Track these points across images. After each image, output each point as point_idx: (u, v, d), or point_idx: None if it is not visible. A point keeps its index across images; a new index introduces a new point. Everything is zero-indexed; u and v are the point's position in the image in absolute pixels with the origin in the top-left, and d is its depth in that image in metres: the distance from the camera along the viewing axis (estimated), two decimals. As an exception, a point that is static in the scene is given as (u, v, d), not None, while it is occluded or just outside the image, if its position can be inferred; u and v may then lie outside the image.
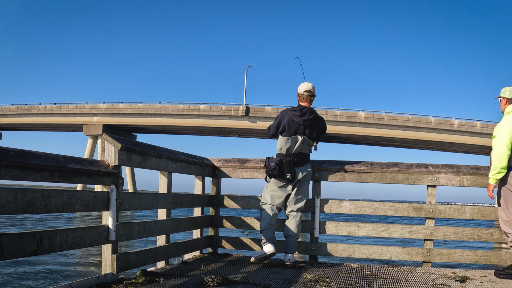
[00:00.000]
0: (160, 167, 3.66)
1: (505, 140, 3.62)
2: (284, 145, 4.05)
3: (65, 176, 2.67)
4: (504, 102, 3.81)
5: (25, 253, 2.31)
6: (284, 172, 4.02)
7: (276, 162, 4.03)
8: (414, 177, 4.23)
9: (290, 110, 4.09)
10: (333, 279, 3.32)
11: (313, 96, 4.13)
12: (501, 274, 3.61)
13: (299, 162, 4.07)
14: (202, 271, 3.48)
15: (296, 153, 4.05)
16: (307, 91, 4.10)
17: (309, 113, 4.05)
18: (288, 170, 4.01)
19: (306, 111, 4.05)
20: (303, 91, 4.10)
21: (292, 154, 4.05)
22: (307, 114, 4.04)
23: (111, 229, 2.99)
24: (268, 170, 4.08)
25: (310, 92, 4.11)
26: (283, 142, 4.06)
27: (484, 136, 38.06)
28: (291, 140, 4.03)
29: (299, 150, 4.06)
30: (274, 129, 4.13)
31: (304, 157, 4.10)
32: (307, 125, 4.04)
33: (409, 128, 40.56)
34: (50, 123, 48.79)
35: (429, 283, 3.29)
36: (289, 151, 4.06)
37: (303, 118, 4.02)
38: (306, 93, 4.10)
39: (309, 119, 4.04)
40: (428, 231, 4.15)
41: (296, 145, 4.04)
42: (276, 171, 4.02)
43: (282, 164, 4.02)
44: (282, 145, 4.06)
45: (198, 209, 4.57)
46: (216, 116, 43.58)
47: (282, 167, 4.02)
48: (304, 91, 4.10)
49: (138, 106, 44.73)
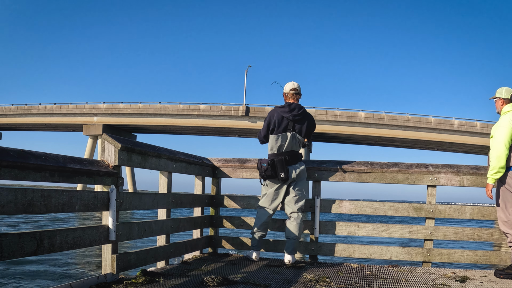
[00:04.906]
0: (160, 167, 3.66)
1: (503, 140, 3.62)
2: (275, 144, 4.06)
3: (65, 176, 2.67)
4: (500, 103, 3.81)
5: (25, 253, 2.31)
6: (277, 172, 4.00)
7: (267, 162, 4.02)
8: (414, 177, 4.23)
9: (278, 108, 4.13)
10: (333, 279, 3.32)
11: (299, 94, 4.19)
12: (501, 274, 3.61)
13: (292, 160, 4.07)
14: (202, 271, 3.48)
15: (287, 152, 4.06)
16: (293, 89, 4.17)
17: (298, 108, 4.10)
18: (281, 169, 4.00)
19: (295, 106, 4.10)
20: (289, 90, 4.18)
21: (284, 153, 4.05)
22: (296, 109, 4.09)
23: (111, 229, 2.99)
24: (261, 171, 4.07)
25: (296, 90, 4.18)
26: (273, 140, 4.07)
27: (484, 136, 38.03)
28: (281, 138, 4.04)
29: (290, 148, 4.07)
30: (264, 130, 4.13)
31: (296, 155, 4.11)
32: (296, 120, 4.07)
33: (409, 128, 40.55)
34: (50, 123, 48.78)
35: (429, 283, 3.29)
36: (280, 150, 4.06)
37: (292, 113, 4.06)
38: (292, 91, 4.17)
39: (298, 113, 4.08)
40: (428, 231, 4.15)
41: (287, 142, 4.05)
42: (269, 172, 4.01)
43: (274, 163, 4.00)
44: (273, 144, 4.07)
45: (198, 209, 4.57)
46: (216, 116, 43.57)
47: (274, 166, 4.01)
48: (290, 89, 4.18)
49: (138, 106, 44.73)
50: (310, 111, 46.52)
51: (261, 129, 4.16)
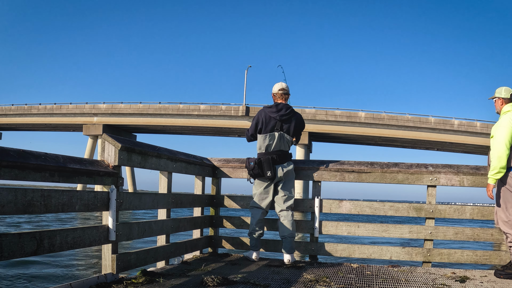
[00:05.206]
0: (160, 167, 3.66)
1: (504, 140, 3.62)
2: (263, 143, 4.12)
3: (65, 176, 2.67)
4: (500, 102, 3.81)
5: (25, 253, 2.31)
6: (264, 170, 4.07)
7: (255, 161, 4.10)
8: (414, 177, 4.23)
9: (266, 108, 4.20)
10: (333, 279, 3.32)
11: (287, 94, 4.25)
12: (501, 274, 3.62)
13: (280, 160, 4.12)
14: (202, 271, 3.48)
15: (275, 151, 4.11)
16: (281, 89, 4.23)
17: (285, 108, 4.15)
18: (267, 167, 4.06)
19: (282, 106, 4.16)
20: (277, 90, 4.24)
21: (272, 152, 4.11)
22: (283, 109, 4.14)
23: (111, 229, 2.99)
24: (249, 170, 4.15)
25: (284, 90, 4.24)
26: (261, 140, 4.13)
27: (484, 136, 38.04)
28: (269, 137, 4.10)
29: (279, 147, 4.12)
30: (252, 129, 4.21)
31: (285, 155, 4.15)
32: (283, 120, 4.12)
33: (409, 128, 40.56)
34: (50, 123, 48.79)
35: (429, 283, 3.29)
36: (268, 149, 4.12)
37: (280, 113, 4.11)
38: (280, 92, 4.23)
39: (286, 113, 4.13)
40: (428, 231, 4.15)
41: (275, 142, 4.10)
42: (256, 170, 4.09)
43: (261, 162, 4.08)
44: (261, 144, 4.14)
45: (198, 209, 4.57)
46: (216, 116, 43.58)
47: (261, 165, 4.08)
48: (278, 90, 4.23)
49: (138, 106, 44.74)
50: (310, 111, 46.14)
51: (249, 128, 4.24)
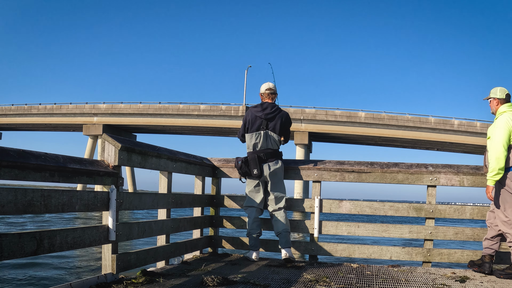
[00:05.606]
0: (160, 167, 3.66)
1: (501, 141, 3.61)
2: (250, 142, 4.20)
3: (65, 176, 2.67)
4: (495, 103, 3.79)
5: (25, 253, 2.31)
6: (251, 168, 4.13)
7: (242, 159, 4.18)
8: (414, 177, 4.23)
9: (252, 108, 4.27)
10: (333, 279, 3.32)
11: (274, 94, 4.31)
12: (501, 274, 3.61)
13: (268, 158, 4.18)
14: (202, 271, 3.48)
15: (262, 150, 4.17)
16: (268, 89, 4.30)
17: (270, 107, 4.22)
18: (253, 166, 4.13)
19: (267, 105, 4.22)
20: (264, 90, 4.31)
21: (259, 151, 4.17)
22: (268, 108, 4.21)
23: (111, 229, 2.99)
24: (237, 168, 4.23)
25: (271, 90, 4.30)
26: (248, 139, 4.21)
27: (484, 136, 37.99)
28: (255, 136, 4.17)
29: (265, 146, 4.17)
30: (242, 129, 4.30)
31: (273, 153, 4.20)
32: (269, 119, 4.18)
33: (409, 128, 40.56)
34: (50, 123, 48.79)
35: (429, 283, 3.29)
36: (255, 148, 4.18)
37: (265, 112, 4.18)
38: (267, 91, 4.29)
39: (270, 112, 4.19)
40: (428, 231, 4.15)
41: (261, 140, 4.16)
42: (244, 169, 4.17)
43: (248, 160, 4.16)
44: (249, 143, 4.21)
45: (198, 209, 4.57)
46: (216, 116, 43.58)
47: (247, 163, 4.16)
48: (265, 90, 4.30)
49: (138, 106, 44.74)
50: (310, 111, 46.18)
51: (240, 129, 4.31)
